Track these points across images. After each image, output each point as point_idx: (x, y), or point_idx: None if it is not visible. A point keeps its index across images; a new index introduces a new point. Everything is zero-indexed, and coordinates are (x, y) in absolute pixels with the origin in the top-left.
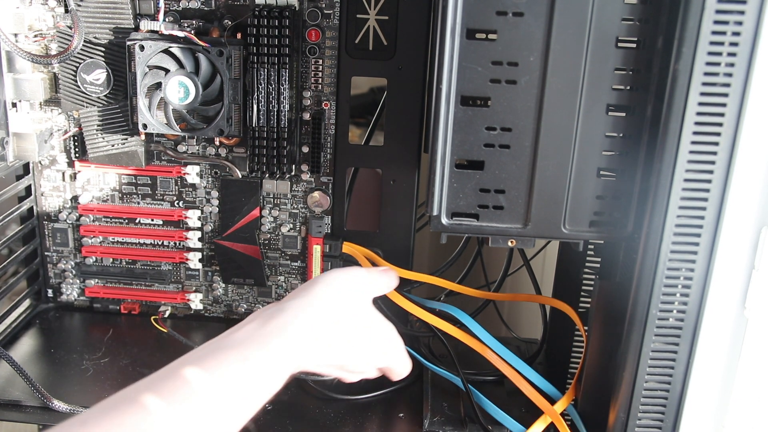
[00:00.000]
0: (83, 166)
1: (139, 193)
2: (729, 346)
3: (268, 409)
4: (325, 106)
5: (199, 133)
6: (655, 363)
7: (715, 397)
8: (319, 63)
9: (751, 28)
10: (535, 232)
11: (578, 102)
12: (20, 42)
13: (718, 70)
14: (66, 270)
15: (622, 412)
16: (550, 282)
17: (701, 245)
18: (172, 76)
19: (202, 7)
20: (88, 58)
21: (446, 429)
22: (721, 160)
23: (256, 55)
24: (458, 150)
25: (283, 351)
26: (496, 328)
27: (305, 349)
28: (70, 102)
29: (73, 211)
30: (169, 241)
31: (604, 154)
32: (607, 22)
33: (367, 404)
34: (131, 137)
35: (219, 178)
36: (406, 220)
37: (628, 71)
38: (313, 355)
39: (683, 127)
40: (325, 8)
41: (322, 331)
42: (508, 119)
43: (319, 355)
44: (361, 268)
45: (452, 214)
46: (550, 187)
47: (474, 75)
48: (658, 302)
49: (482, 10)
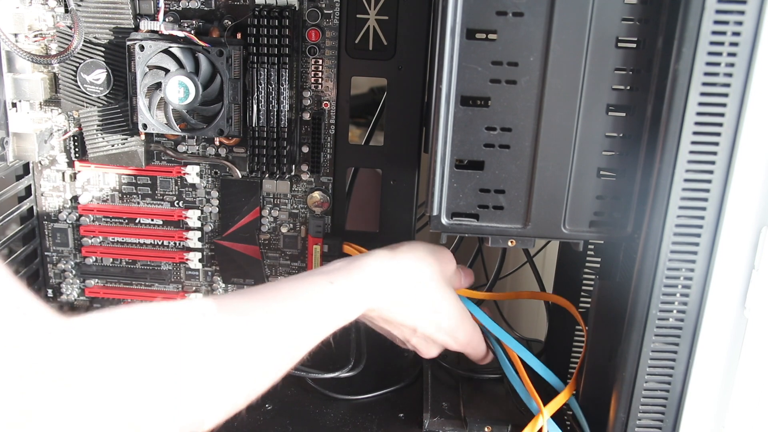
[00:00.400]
0: (83, 166)
1: (139, 193)
2: (729, 346)
3: (268, 409)
4: (325, 106)
5: (199, 133)
6: (655, 363)
7: (715, 397)
8: (319, 63)
9: (751, 28)
10: (535, 232)
11: (578, 102)
12: (20, 42)
13: (718, 70)
14: (66, 270)
15: (622, 412)
16: (550, 282)
17: (701, 245)
18: (172, 76)
19: (202, 7)
20: (88, 58)
21: (446, 429)
22: (721, 160)
23: (256, 55)
24: (458, 150)
25: (364, 283)
26: None
27: (383, 290)
28: (70, 102)
29: (73, 211)
30: (169, 241)
31: (604, 154)
32: (607, 22)
33: (367, 404)
34: (131, 137)
35: (219, 178)
36: (406, 220)
37: (628, 71)
38: (389, 300)
39: (683, 127)
40: (325, 8)
41: (398, 279)
42: (508, 119)
43: (394, 304)
44: (448, 251)
45: (452, 214)
46: (550, 187)
47: (474, 75)
48: (658, 302)
49: (482, 10)
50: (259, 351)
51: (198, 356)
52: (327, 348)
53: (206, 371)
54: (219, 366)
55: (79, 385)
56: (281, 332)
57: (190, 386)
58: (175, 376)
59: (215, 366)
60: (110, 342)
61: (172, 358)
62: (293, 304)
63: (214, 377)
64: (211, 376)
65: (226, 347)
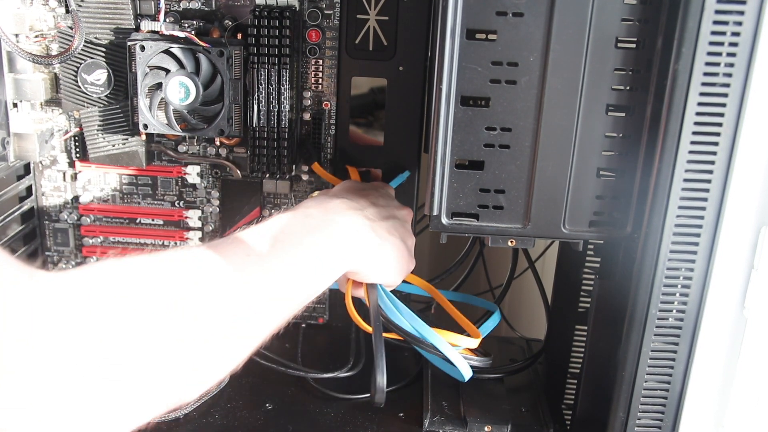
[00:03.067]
0: (84, 166)
1: (140, 193)
2: (728, 345)
3: (268, 408)
4: (325, 106)
5: (199, 134)
6: (655, 363)
7: (715, 396)
8: (320, 63)
9: (751, 28)
10: (535, 232)
11: (578, 102)
12: (21, 42)
13: (717, 70)
14: (67, 270)
15: (622, 412)
16: (550, 282)
17: (701, 245)
18: (173, 77)
19: (202, 7)
20: (89, 58)
21: (446, 429)
22: (721, 160)
23: (256, 55)
24: (458, 150)
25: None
26: (497, 327)
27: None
28: (71, 102)
29: (74, 211)
30: (169, 241)
31: (604, 154)
32: (607, 22)
33: (367, 404)
34: (132, 137)
35: (219, 178)
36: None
37: (628, 71)
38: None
39: (683, 127)
40: (326, 8)
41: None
42: (508, 119)
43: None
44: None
45: (452, 214)
46: (549, 187)
47: (474, 75)
48: (658, 302)
49: (482, 11)
50: (250, 311)
51: (183, 315)
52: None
53: (193, 332)
54: (208, 327)
55: (43, 342)
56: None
57: (172, 352)
58: (159, 338)
59: (200, 326)
60: (88, 298)
61: (156, 317)
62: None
63: (200, 341)
64: (197, 339)
65: (218, 306)
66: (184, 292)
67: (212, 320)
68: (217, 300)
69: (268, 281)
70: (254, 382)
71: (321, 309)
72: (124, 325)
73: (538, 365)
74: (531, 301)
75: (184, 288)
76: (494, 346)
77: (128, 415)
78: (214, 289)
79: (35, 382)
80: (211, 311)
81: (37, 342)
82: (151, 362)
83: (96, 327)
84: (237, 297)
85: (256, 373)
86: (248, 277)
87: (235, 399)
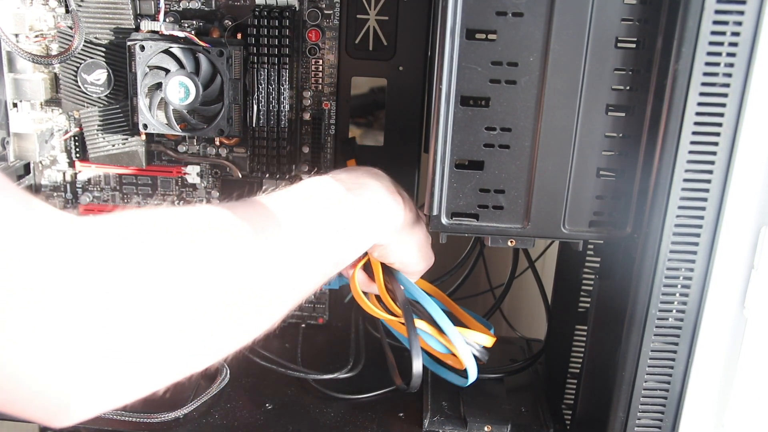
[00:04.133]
0: (84, 166)
1: (140, 193)
2: (728, 345)
3: (268, 408)
4: (325, 106)
5: (199, 133)
6: (655, 363)
7: (715, 396)
8: (319, 63)
9: (751, 28)
10: (535, 232)
11: (578, 102)
12: (21, 42)
13: (717, 70)
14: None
15: (622, 412)
16: (550, 282)
17: (701, 245)
18: (173, 77)
19: (202, 7)
20: (89, 58)
21: (446, 429)
22: (721, 160)
23: (256, 55)
24: (458, 150)
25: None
26: (497, 327)
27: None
28: (71, 102)
29: (74, 211)
30: None
31: (604, 154)
32: (607, 22)
33: (367, 404)
34: (132, 137)
35: (219, 178)
36: None
37: (628, 71)
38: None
39: (683, 127)
40: (325, 8)
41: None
42: (507, 119)
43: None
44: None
45: (452, 214)
46: (549, 187)
47: (474, 75)
48: (658, 302)
49: (482, 11)
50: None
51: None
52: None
53: (222, 294)
54: (238, 290)
55: (82, 285)
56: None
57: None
58: (193, 292)
59: (233, 290)
60: (124, 245)
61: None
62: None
63: (226, 304)
64: (224, 302)
65: (245, 270)
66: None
67: (260, 279)
68: (259, 262)
69: (304, 238)
70: (254, 382)
71: (321, 309)
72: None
73: (538, 365)
74: (531, 301)
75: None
76: (494, 346)
77: (181, 364)
78: (257, 247)
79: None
80: (258, 269)
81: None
82: (203, 310)
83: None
84: (271, 260)
85: (256, 373)
86: (282, 234)
87: (235, 399)
